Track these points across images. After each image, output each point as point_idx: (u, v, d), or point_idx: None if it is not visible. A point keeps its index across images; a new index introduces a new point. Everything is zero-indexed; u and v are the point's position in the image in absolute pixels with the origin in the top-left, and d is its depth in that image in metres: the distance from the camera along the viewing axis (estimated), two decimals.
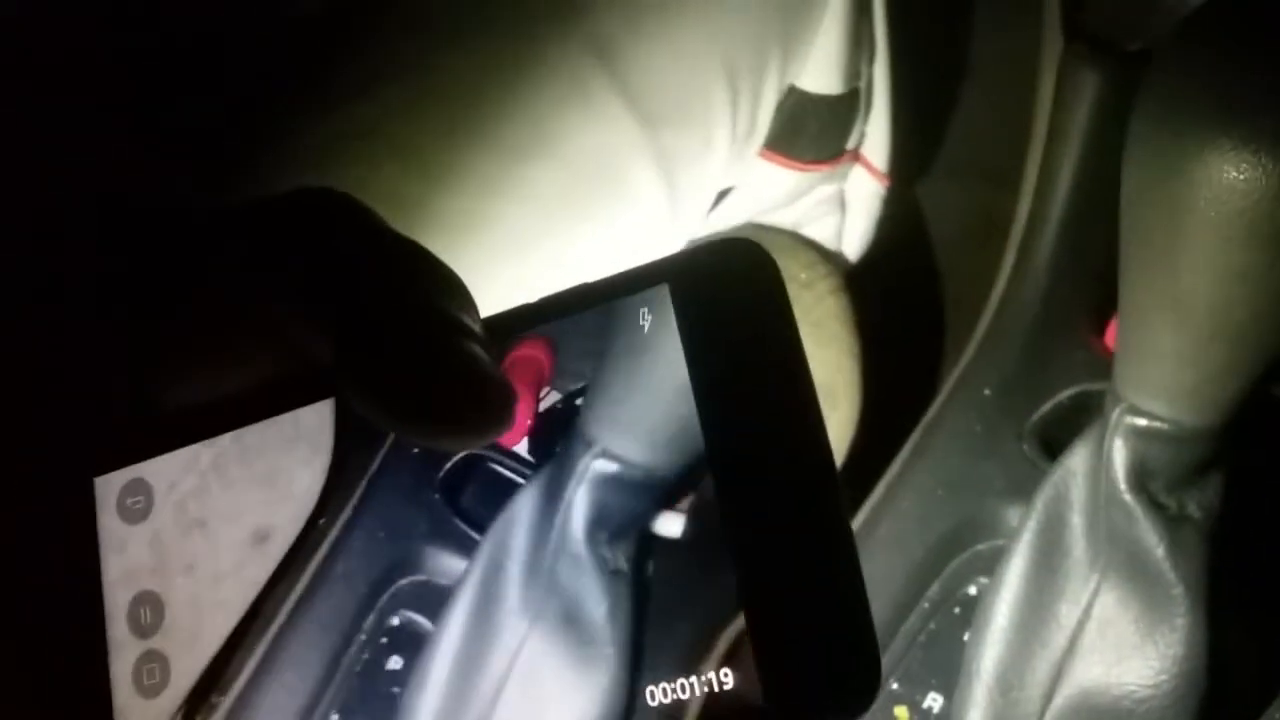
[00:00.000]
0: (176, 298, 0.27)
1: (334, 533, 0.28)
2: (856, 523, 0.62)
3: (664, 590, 0.25)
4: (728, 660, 0.22)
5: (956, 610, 0.60)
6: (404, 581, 0.29)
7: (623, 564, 0.25)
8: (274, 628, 0.28)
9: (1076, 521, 0.52)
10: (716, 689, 0.22)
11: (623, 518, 0.25)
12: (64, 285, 0.31)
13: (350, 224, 0.26)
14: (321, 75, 0.49)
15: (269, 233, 0.26)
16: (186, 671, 0.28)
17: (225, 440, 0.28)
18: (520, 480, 0.27)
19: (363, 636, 0.29)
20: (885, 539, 0.61)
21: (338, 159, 0.48)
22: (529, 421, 0.27)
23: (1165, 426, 0.48)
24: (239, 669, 0.28)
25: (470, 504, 0.28)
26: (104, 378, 0.28)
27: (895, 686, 0.58)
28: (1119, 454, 0.49)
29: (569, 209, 0.53)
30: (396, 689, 0.28)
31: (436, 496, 0.28)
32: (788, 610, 0.22)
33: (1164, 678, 0.49)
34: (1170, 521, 0.49)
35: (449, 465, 0.29)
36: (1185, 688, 0.49)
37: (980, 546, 0.61)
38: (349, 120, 0.48)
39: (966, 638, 0.57)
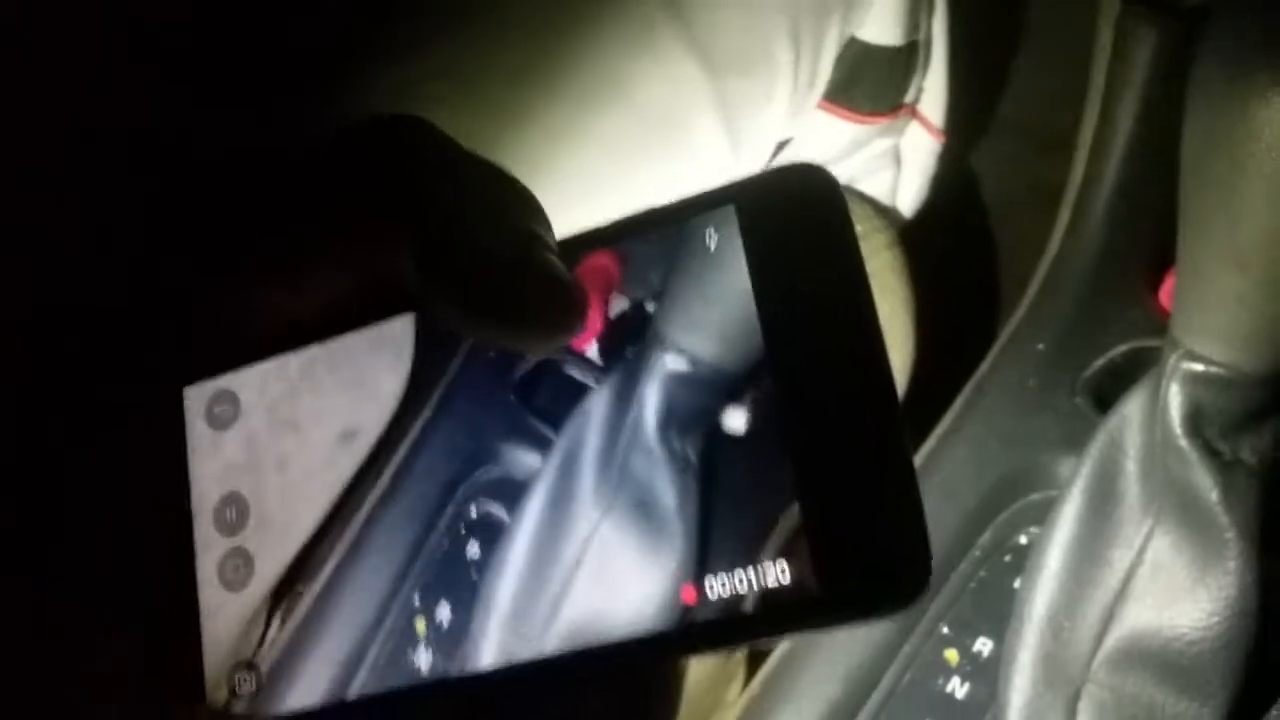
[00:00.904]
0: (266, 220, 0.29)
1: (416, 431, 0.30)
2: None
3: (727, 484, 0.26)
4: (783, 553, 0.23)
5: (1007, 558, 0.61)
6: (481, 475, 0.30)
7: (691, 457, 0.26)
8: (359, 520, 0.30)
9: (1131, 468, 0.53)
10: (772, 581, 0.23)
11: (691, 413, 0.26)
12: (160, 206, 0.33)
13: (429, 145, 0.28)
14: (395, 20, 0.50)
15: (353, 155, 0.28)
16: (272, 565, 0.30)
17: (313, 349, 0.30)
18: (590, 382, 0.28)
19: (442, 526, 0.30)
20: (938, 487, 0.62)
21: (412, 102, 0.49)
22: (598, 326, 0.28)
23: (1222, 371, 0.48)
24: (325, 559, 0.30)
25: (543, 403, 0.29)
26: (195, 294, 0.29)
27: (945, 631, 0.59)
28: (1175, 399, 0.50)
29: (635, 156, 0.54)
30: (475, 574, 0.29)
31: (512, 397, 0.30)
32: (842, 504, 0.23)
33: (1215, 620, 0.50)
34: (1224, 466, 0.49)
35: (523, 369, 0.30)
36: (1235, 631, 0.50)
37: (1033, 497, 0.62)
38: (423, 64, 0.49)
39: (1018, 584, 0.58)
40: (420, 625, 0.30)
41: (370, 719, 0.28)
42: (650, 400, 0.27)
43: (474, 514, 0.30)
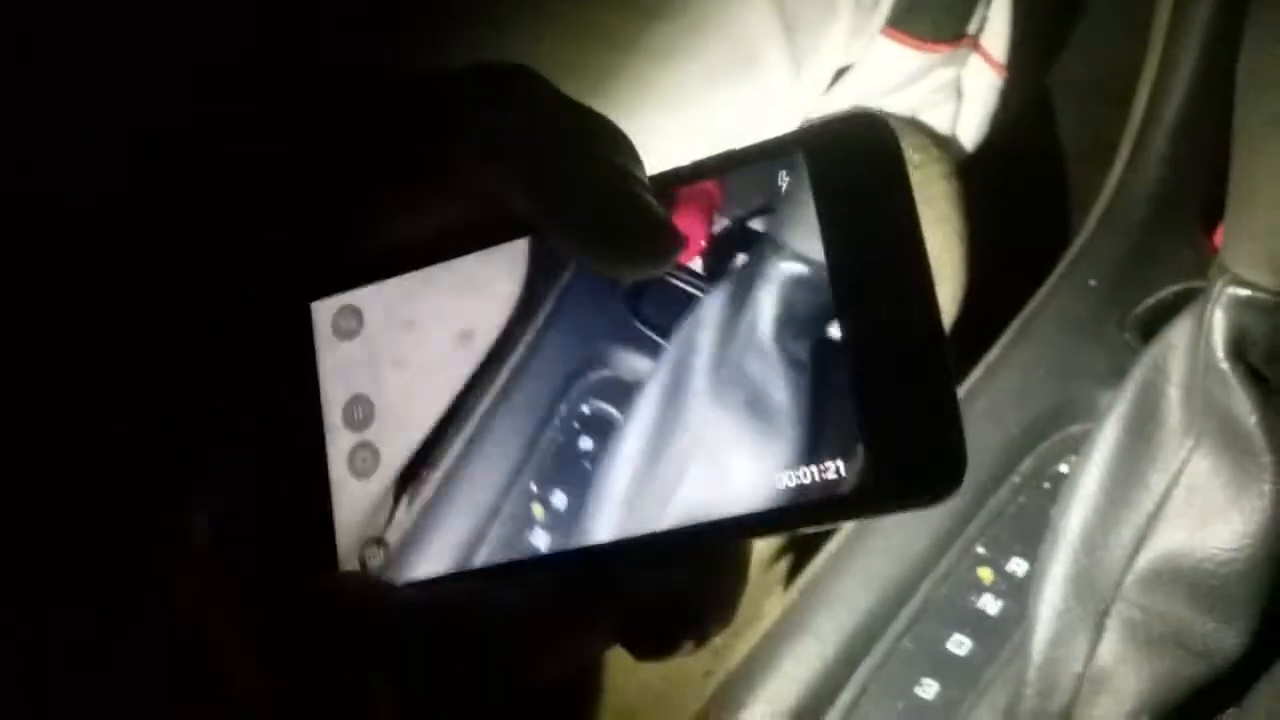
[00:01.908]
0: (389, 150, 0.32)
1: (530, 335, 0.33)
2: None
3: (810, 385, 0.29)
4: (842, 449, 0.28)
5: (1047, 485, 0.62)
6: (593, 377, 0.33)
7: (802, 357, 0.29)
8: (477, 415, 0.33)
9: (1173, 393, 0.54)
10: (832, 474, 0.28)
11: (803, 317, 0.29)
12: (289, 135, 0.36)
13: (529, 88, 0.31)
14: None
15: (463, 95, 0.32)
16: (396, 455, 0.33)
17: (434, 267, 0.33)
18: (697, 293, 0.31)
19: (557, 421, 0.33)
20: (982, 413, 0.63)
21: (506, 37, 0.51)
22: (702, 242, 0.31)
23: (1267, 297, 0.49)
24: (447, 450, 0.33)
25: (650, 311, 0.32)
26: (321, 217, 0.33)
27: (981, 551, 0.60)
28: (1219, 323, 0.50)
29: (702, 71, 0.55)
30: (588, 464, 0.32)
31: (623, 306, 0.32)
32: (889, 410, 0.27)
33: (1247, 542, 0.51)
34: (1266, 392, 0.50)
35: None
36: (1267, 554, 0.51)
37: (1075, 428, 0.63)
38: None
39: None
40: (537, 510, 0.33)
41: (490, 586, 0.32)
42: (766, 305, 0.30)
43: (586, 411, 0.33)
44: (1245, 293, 0.49)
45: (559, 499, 0.32)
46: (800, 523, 0.29)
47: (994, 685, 0.56)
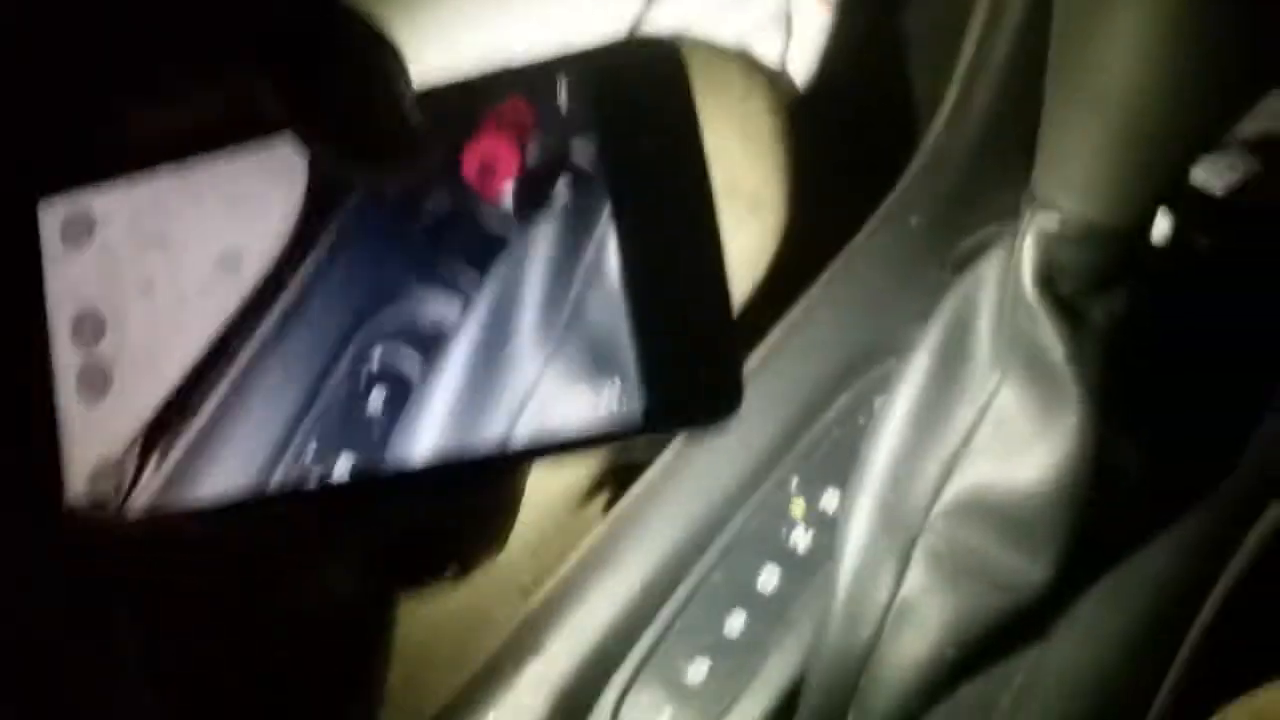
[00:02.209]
0: (122, 33, 0.29)
1: (309, 266, 0.29)
2: (774, 333, 0.62)
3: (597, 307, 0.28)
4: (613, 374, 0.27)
5: (861, 421, 0.61)
6: (385, 317, 0.29)
7: (584, 279, 0.28)
8: (244, 356, 0.29)
9: (982, 325, 0.53)
10: (602, 398, 0.27)
11: (583, 238, 0.28)
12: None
13: None
14: None
15: None
16: (137, 386, 0.30)
17: (188, 167, 0.30)
18: (509, 226, 0.28)
19: (340, 372, 0.29)
20: (799, 348, 0.62)
21: None
22: (498, 166, 0.29)
23: (1077, 224, 0.48)
24: (204, 392, 0.29)
25: (452, 249, 0.29)
26: (52, 103, 0.29)
27: (794, 485, 0.59)
28: (1029, 251, 0.50)
29: None
30: (378, 430, 0.28)
31: (418, 234, 0.29)
32: (666, 332, 0.27)
33: (1051, 475, 0.50)
34: (1074, 325, 0.50)
35: (430, 205, 0.29)
36: (1071, 487, 0.50)
37: (892, 364, 0.62)
38: None
39: None
40: (314, 470, 0.29)
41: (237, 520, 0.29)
42: (552, 226, 0.28)
43: (377, 362, 0.29)
44: (1055, 221, 0.49)
45: (343, 466, 0.29)
46: (570, 447, 0.28)
47: (801, 620, 0.55)
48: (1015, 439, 0.51)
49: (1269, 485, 0.57)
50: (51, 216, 0.30)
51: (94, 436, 0.30)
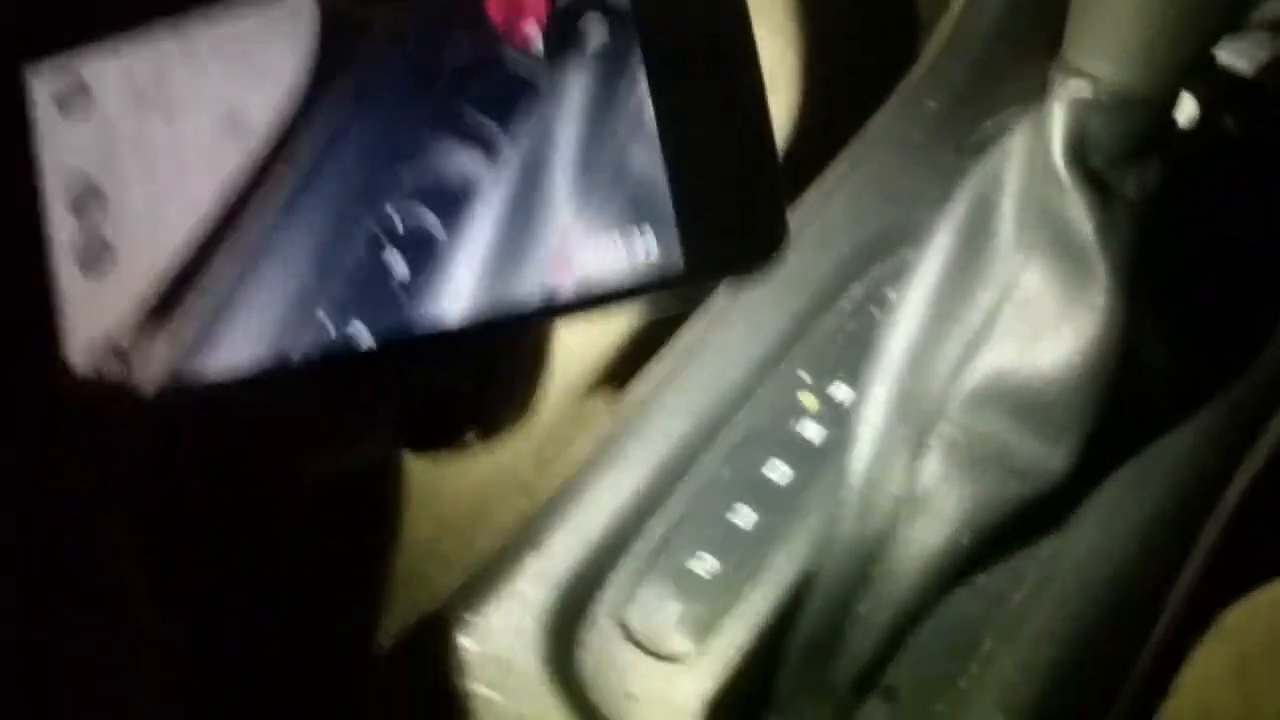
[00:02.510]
0: None
1: (321, 123, 0.27)
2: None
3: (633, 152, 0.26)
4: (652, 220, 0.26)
5: (875, 311, 0.59)
6: (409, 179, 0.27)
7: (618, 127, 0.26)
8: (257, 224, 0.27)
9: (1006, 203, 0.51)
10: (640, 245, 0.26)
11: (621, 86, 0.27)
12: None
13: None
14: None
15: None
16: (141, 259, 0.28)
17: (188, 25, 0.28)
18: (529, 70, 0.26)
19: (361, 235, 0.27)
20: (812, 236, 0.59)
21: None
22: (540, 11, 0.26)
23: (1109, 91, 0.46)
24: (215, 267, 0.28)
25: (476, 98, 0.27)
26: None
27: (805, 376, 0.57)
28: (1059, 123, 0.47)
29: None
30: (403, 294, 0.27)
31: (440, 85, 0.26)
32: (706, 176, 0.26)
33: (1076, 358, 0.48)
34: (1104, 199, 0.47)
35: (451, 53, 0.27)
36: (1095, 371, 0.48)
37: (907, 253, 0.59)
38: None
39: None
40: (335, 344, 0.27)
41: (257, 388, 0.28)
42: (588, 73, 0.26)
43: (398, 222, 0.27)
44: (1087, 88, 0.46)
45: (364, 331, 0.27)
46: (608, 299, 0.26)
47: (812, 513, 0.53)
48: (1039, 321, 0.49)
49: None
50: (43, 84, 0.29)
51: (98, 311, 0.29)
